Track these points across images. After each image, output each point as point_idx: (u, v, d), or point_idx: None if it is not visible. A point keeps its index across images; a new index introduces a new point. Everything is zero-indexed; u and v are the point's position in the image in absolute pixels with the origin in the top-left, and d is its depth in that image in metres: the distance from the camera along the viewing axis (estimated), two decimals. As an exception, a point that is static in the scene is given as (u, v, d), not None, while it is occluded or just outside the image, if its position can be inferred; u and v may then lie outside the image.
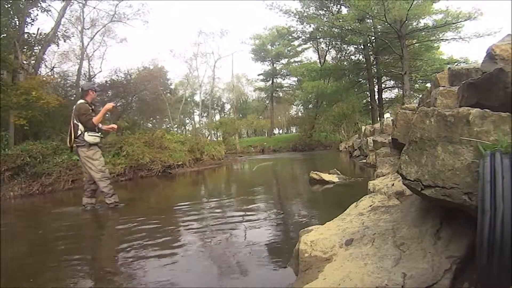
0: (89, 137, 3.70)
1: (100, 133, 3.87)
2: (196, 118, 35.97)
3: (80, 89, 4.32)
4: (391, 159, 4.29)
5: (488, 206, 0.93)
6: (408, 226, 1.48)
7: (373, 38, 18.24)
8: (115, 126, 4.47)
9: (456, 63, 15.33)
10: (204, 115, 35.46)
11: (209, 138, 21.52)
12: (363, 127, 12.28)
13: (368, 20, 16.98)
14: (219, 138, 25.30)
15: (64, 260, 2.20)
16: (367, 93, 21.37)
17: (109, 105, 4.09)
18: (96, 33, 17.00)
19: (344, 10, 18.40)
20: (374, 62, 19.85)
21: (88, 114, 3.69)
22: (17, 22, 9.38)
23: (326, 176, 4.88)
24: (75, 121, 3.67)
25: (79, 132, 3.66)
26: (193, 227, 2.84)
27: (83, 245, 2.61)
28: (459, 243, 1.23)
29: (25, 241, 2.76)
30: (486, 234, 0.92)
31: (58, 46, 12.53)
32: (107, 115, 4.17)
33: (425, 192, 1.26)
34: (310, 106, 25.98)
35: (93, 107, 3.88)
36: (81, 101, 3.78)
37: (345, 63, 22.29)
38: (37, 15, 10.04)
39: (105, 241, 2.79)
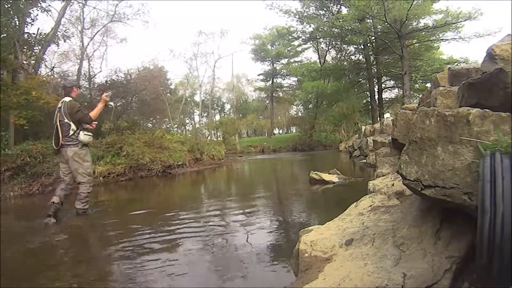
0: (84, 136, 3.53)
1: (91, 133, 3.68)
2: (196, 118, 36.00)
3: (62, 86, 4.02)
4: (391, 159, 4.30)
5: (488, 206, 0.93)
6: (408, 226, 1.48)
7: (373, 38, 18.24)
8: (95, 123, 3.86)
9: (456, 63, 15.32)
10: (204, 115, 35.47)
11: (209, 138, 21.52)
12: (363, 127, 12.28)
13: (368, 20, 16.98)
14: (219, 138, 25.32)
15: (62, 261, 2.20)
16: (367, 93, 21.37)
17: (105, 96, 3.72)
18: (96, 33, 16.99)
19: (344, 10, 18.41)
20: (374, 62, 19.85)
21: (83, 109, 3.54)
22: (17, 22, 9.37)
23: (326, 176, 4.88)
24: (66, 120, 3.45)
25: (71, 132, 3.45)
26: (193, 227, 2.84)
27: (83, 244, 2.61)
28: (459, 243, 1.23)
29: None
30: (486, 234, 0.92)
31: (58, 46, 12.54)
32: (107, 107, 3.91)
33: (425, 192, 1.26)
34: (310, 106, 25.97)
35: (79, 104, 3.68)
36: (68, 98, 3.57)
37: (345, 63, 22.29)
38: (37, 15, 10.04)
39: (105, 241, 2.79)
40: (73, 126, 3.46)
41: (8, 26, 8.48)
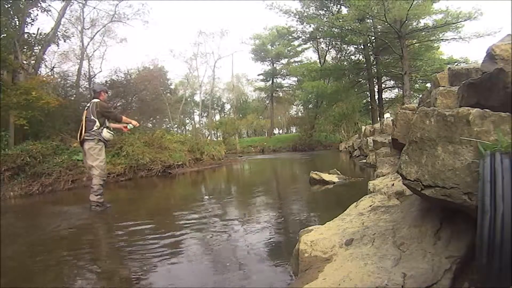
0: (106, 133, 3.85)
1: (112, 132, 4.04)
2: (196, 118, 36.00)
3: (92, 91, 4.55)
4: (391, 159, 4.30)
5: (488, 206, 0.93)
6: (408, 226, 1.48)
7: (373, 38, 18.23)
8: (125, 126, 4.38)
9: (456, 63, 15.33)
10: (204, 115, 35.44)
11: (209, 138, 21.49)
12: (363, 127, 12.28)
13: (368, 20, 16.98)
14: (219, 138, 25.28)
15: (65, 259, 2.20)
16: (367, 93, 21.37)
17: (136, 124, 4.25)
18: (96, 33, 16.94)
19: (344, 10, 18.40)
20: (374, 62, 19.84)
21: (114, 109, 3.85)
22: (17, 22, 9.36)
23: (326, 176, 4.88)
24: (92, 117, 3.79)
25: (95, 128, 3.78)
26: (193, 227, 2.84)
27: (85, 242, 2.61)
28: (459, 243, 1.23)
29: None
30: (486, 234, 0.92)
31: (58, 46, 12.49)
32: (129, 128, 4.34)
33: (425, 192, 1.26)
34: (310, 106, 25.95)
35: None
36: (97, 100, 3.93)
37: (345, 63, 22.27)
38: (37, 15, 10.01)
39: (106, 240, 2.79)
40: (97, 123, 3.81)
41: (8, 26, 8.46)
